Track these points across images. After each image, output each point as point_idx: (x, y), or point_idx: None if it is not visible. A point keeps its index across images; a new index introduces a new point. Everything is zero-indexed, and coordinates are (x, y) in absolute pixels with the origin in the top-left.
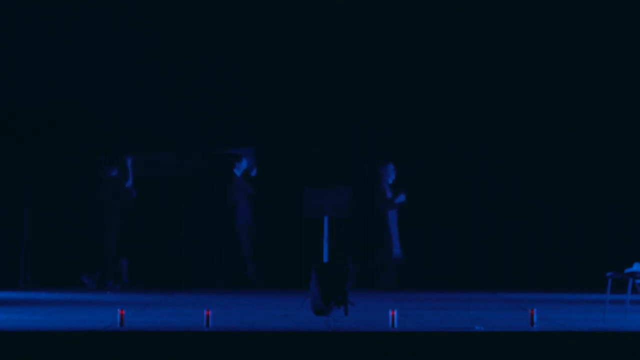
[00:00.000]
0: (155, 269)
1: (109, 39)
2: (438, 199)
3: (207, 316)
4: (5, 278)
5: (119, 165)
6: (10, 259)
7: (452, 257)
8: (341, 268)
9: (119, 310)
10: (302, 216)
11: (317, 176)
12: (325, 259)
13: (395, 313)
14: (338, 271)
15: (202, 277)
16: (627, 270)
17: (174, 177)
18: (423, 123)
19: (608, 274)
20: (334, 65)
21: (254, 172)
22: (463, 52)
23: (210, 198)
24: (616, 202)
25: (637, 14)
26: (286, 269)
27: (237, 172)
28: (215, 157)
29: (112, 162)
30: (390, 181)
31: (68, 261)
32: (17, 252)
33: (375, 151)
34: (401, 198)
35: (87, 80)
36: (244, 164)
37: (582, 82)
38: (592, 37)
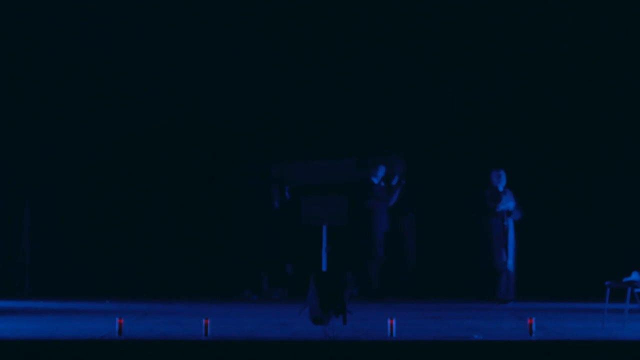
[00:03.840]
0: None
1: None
2: (436, 206)
3: (206, 325)
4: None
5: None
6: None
7: (451, 266)
8: (340, 277)
9: (117, 319)
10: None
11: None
12: (324, 268)
13: (394, 322)
14: (337, 280)
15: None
16: (626, 280)
17: (323, 186)
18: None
19: (607, 283)
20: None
21: (395, 180)
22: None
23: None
24: (615, 211)
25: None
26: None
27: (375, 180)
28: (354, 165)
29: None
30: (500, 188)
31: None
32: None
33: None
34: (504, 206)
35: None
36: (381, 171)
37: (583, 88)
38: (610, 39)
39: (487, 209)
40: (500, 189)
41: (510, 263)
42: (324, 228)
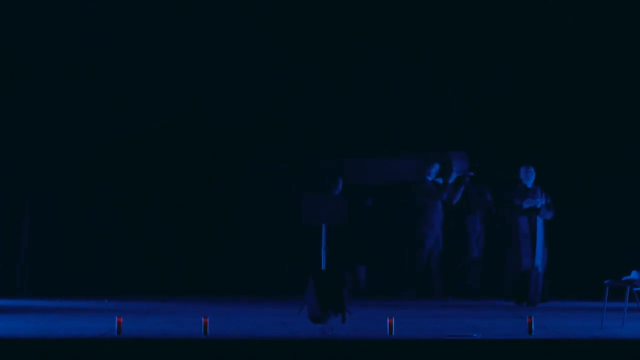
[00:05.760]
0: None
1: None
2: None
3: (205, 324)
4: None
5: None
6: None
7: (449, 265)
8: (339, 275)
9: (116, 318)
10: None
11: None
12: (323, 266)
13: (393, 321)
14: (335, 278)
15: (387, 285)
16: (625, 278)
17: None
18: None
19: (606, 281)
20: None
21: (452, 178)
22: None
23: (399, 203)
24: (615, 211)
25: None
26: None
27: (429, 178)
28: (408, 163)
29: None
30: (529, 185)
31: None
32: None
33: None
34: (530, 203)
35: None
36: (435, 168)
37: (583, 88)
38: (610, 39)
39: (514, 206)
40: (529, 185)
41: (539, 264)
42: (324, 227)
